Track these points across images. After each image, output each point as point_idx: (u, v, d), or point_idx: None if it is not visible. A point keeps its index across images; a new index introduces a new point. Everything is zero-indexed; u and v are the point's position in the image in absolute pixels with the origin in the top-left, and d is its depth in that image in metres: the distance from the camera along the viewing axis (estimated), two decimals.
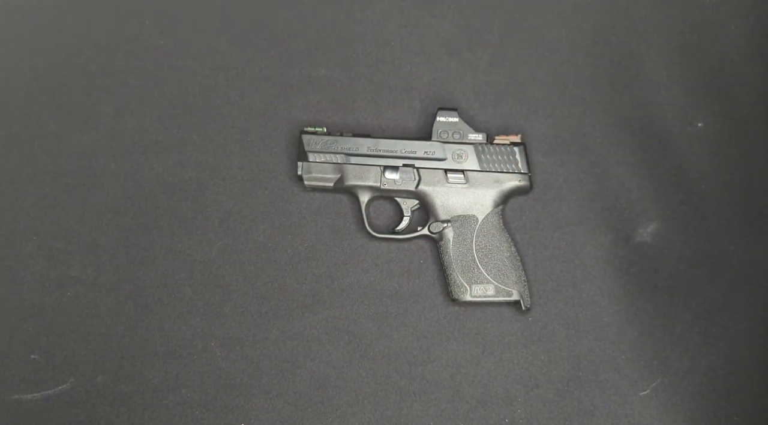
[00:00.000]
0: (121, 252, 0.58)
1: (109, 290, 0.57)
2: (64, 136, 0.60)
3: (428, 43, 0.62)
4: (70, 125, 0.60)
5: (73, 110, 0.60)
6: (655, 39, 0.62)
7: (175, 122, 0.60)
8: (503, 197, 0.57)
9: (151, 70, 0.61)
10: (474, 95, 0.61)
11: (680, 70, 0.61)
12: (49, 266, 0.58)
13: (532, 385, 0.56)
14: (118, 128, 0.60)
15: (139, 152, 0.59)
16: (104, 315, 0.56)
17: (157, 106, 0.60)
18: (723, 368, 0.56)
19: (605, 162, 0.60)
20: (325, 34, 0.62)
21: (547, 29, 0.62)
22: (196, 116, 0.60)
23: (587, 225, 0.59)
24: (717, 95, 0.61)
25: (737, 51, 0.61)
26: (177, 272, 0.51)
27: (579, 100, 0.61)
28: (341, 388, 0.56)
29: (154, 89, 0.61)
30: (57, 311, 0.57)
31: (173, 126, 0.60)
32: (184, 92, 0.61)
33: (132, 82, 0.61)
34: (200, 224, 0.58)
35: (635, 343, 0.56)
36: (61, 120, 0.60)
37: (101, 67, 0.61)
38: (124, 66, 0.61)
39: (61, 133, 0.60)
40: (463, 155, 0.57)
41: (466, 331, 0.57)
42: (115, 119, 0.50)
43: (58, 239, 0.58)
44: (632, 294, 0.57)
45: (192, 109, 0.60)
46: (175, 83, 0.61)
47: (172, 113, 0.60)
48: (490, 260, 0.56)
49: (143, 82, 0.61)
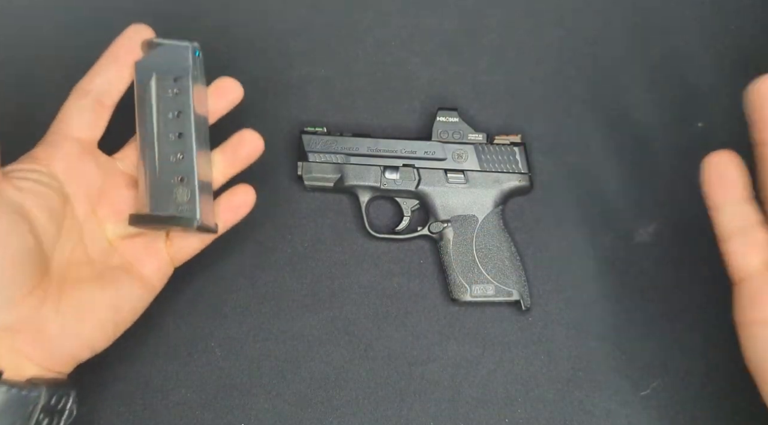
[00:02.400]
0: None
1: None
2: None
3: (428, 43, 0.62)
4: None
5: None
6: (655, 39, 0.62)
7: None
8: (503, 197, 0.57)
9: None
10: (474, 95, 0.61)
11: (680, 70, 0.61)
12: None
13: (532, 385, 0.56)
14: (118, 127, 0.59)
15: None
16: None
17: None
18: (723, 368, 0.56)
19: (605, 162, 0.60)
20: (325, 34, 0.62)
21: (547, 29, 0.62)
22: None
23: (587, 225, 0.59)
24: (717, 95, 0.61)
25: (738, 51, 0.61)
26: (176, 272, 0.51)
27: (579, 101, 0.61)
28: (341, 388, 0.56)
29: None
30: None
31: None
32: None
33: None
34: None
35: (635, 343, 0.56)
36: None
37: None
38: None
39: None
40: (463, 155, 0.57)
41: (466, 331, 0.57)
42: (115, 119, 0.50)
43: None
44: (632, 294, 0.57)
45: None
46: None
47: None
48: (490, 260, 0.56)
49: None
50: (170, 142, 0.47)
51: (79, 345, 0.46)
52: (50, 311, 0.44)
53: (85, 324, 0.45)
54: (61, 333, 0.44)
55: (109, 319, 0.47)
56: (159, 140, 0.47)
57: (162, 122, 0.48)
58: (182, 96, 0.48)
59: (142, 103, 0.48)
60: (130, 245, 0.49)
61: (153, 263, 0.49)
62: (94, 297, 0.46)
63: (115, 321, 0.47)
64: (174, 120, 0.47)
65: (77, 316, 0.45)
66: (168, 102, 0.48)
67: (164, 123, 0.48)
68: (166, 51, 0.48)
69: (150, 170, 0.47)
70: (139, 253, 0.49)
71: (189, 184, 0.47)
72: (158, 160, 0.47)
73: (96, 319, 0.46)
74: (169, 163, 0.47)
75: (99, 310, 0.46)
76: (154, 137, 0.48)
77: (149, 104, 0.48)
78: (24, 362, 0.44)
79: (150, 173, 0.47)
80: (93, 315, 0.46)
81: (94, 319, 0.46)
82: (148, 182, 0.47)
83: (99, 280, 0.46)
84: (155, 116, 0.48)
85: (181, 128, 0.47)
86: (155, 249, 0.49)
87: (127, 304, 0.48)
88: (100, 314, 0.46)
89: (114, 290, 0.47)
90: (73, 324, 0.45)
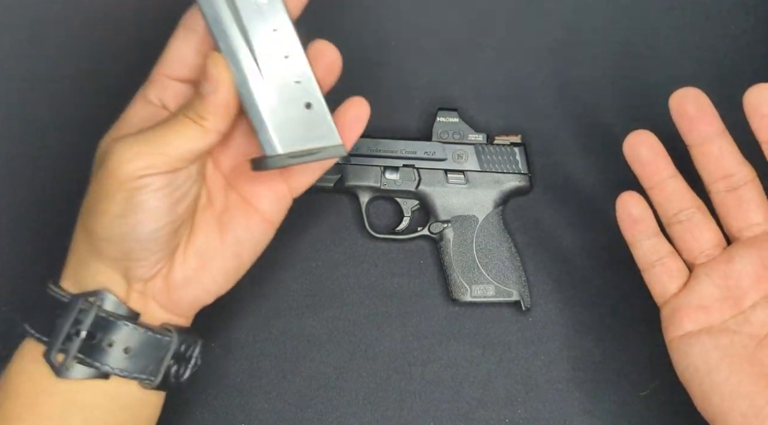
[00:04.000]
0: None
1: None
2: (65, 135, 0.60)
3: (428, 43, 0.62)
4: (70, 125, 0.60)
5: (73, 109, 0.60)
6: (655, 39, 0.62)
7: None
8: (503, 198, 0.57)
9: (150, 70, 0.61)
10: (474, 95, 0.61)
11: (680, 70, 0.61)
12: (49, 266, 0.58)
13: (532, 385, 0.56)
14: None
15: None
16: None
17: None
18: None
19: (605, 162, 0.60)
20: (326, 34, 0.62)
21: (547, 29, 0.62)
22: None
23: (587, 225, 0.59)
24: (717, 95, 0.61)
25: (738, 51, 0.61)
26: None
27: (579, 101, 0.61)
28: (341, 388, 0.56)
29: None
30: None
31: None
32: None
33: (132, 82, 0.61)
34: None
35: (635, 343, 0.56)
36: (62, 120, 0.60)
37: (101, 67, 0.61)
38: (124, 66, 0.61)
39: (61, 133, 0.60)
40: (463, 156, 0.57)
41: (466, 331, 0.57)
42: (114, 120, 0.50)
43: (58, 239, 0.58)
44: (633, 294, 0.57)
45: None
46: None
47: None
48: (490, 261, 0.56)
49: (142, 82, 0.61)
50: (277, 64, 0.41)
51: (202, 292, 0.46)
52: (178, 261, 0.44)
53: (206, 271, 0.45)
54: (185, 281, 0.45)
55: (230, 266, 0.46)
56: (262, 64, 0.40)
57: (259, 43, 0.40)
58: (273, 5, 0.40)
59: (220, 23, 0.40)
60: (246, 181, 0.46)
61: (271, 197, 0.46)
62: (215, 245, 0.45)
63: (237, 266, 0.46)
64: (273, 38, 0.40)
65: (200, 264, 0.45)
66: (258, 17, 0.40)
67: (262, 44, 0.40)
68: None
69: (264, 103, 0.40)
70: (256, 188, 0.46)
71: (317, 108, 0.41)
72: (271, 89, 0.40)
73: (217, 267, 0.45)
74: (286, 90, 0.41)
75: (221, 258, 0.45)
76: (256, 63, 0.40)
77: (236, 24, 0.40)
78: (155, 307, 0.45)
79: (266, 107, 0.40)
80: (214, 264, 0.45)
81: (215, 267, 0.45)
82: (264, 117, 0.40)
83: (219, 224, 0.45)
84: (250, 38, 0.40)
85: (286, 47, 0.41)
86: (272, 182, 0.46)
87: (247, 246, 0.46)
88: (222, 263, 0.46)
89: (233, 236, 0.45)
90: (195, 272, 0.45)
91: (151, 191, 0.41)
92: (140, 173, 0.40)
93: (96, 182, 0.42)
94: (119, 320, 0.43)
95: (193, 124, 0.41)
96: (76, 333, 0.42)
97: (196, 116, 0.41)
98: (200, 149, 0.41)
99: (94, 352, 0.42)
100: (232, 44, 0.40)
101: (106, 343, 0.42)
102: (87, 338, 0.42)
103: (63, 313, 0.42)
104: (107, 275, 0.43)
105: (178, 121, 0.41)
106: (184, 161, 0.41)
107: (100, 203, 0.41)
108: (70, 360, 0.42)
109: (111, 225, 0.41)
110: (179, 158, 0.41)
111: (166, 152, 0.40)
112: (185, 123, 0.41)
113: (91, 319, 0.42)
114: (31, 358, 0.43)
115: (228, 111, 0.41)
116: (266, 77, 0.40)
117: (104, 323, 0.42)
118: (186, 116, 0.41)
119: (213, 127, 0.41)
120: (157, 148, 0.40)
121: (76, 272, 0.44)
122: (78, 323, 0.42)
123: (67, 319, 0.42)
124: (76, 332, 0.42)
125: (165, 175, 0.41)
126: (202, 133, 0.41)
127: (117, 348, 0.43)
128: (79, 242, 0.44)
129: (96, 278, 0.43)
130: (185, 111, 0.41)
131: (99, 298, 0.43)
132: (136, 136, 0.41)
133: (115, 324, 0.42)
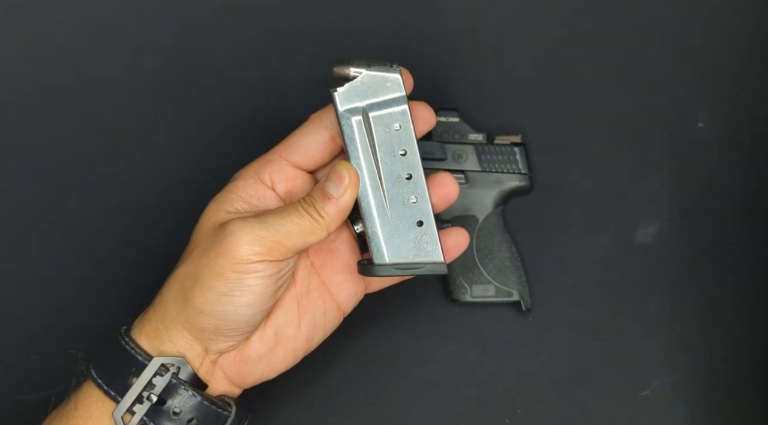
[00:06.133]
0: (121, 252, 0.58)
1: (110, 291, 0.57)
2: (65, 136, 0.60)
3: (428, 43, 0.62)
4: (70, 125, 0.60)
5: (72, 110, 0.60)
6: (655, 39, 0.62)
7: (174, 123, 0.60)
8: (503, 198, 0.57)
9: (150, 70, 0.61)
10: (474, 95, 0.61)
11: (681, 70, 0.61)
12: (49, 266, 0.58)
13: (532, 385, 0.56)
14: (117, 128, 0.60)
15: (138, 152, 0.59)
16: (105, 316, 0.56)
17: (156, 106, 0.60)
18: (723, 368, 0.56)
19: (605, 162, 0.60)
20: (325, 34, 0.62)
21: (547, 29, 0.62)
22: (196, 116, 0.60)
23: (587, 225, 0.59)
24: (717, 95, 0.61)
25: (738, 51, 0.61)
26: None
27: (579, 101, 0.61)
28: (341, 388, 0.56)
29: (153, 90, 0.60)
30: (57, 312, 0.57)
31: (173, 127, 0.60)
32: (183, 93, 0.60)
33: (131, 82, 0.61)
34: None
35: (635, 343, 0.56)
36: (61, 120, 0.60)
37: (100, 67, 0.61)
38: (124, 66, 0.61)
39: (61, 133, 0.60)
40: (463, 156, 0.57)
41: (466, 331, 0.57)
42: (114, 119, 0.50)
43: (58, 239, 0.58)
44: (632, 294, 0.57)
45: (192, 109, 0.60)
46: (175, 84, 0.61)
47: (171, 114, 0.60)
48: (490, 261, 0.56)
49: (142, 83, 0.61)
50: (399, 182, 0.44)
51: (269, 370, 0.46)
52: (256, 336, 0.45)
53: (279, 351, 0.46)
54: (258, 358, 0.45)
55: (300, 348, 0.47)
56: (386, 181, 0.44)
57: (386, 162, 0.44)
58: (404, 132, 0.44)
59: (352, 140, 0.44)
60: (331, 269, 0.47)
61: (349, 290, 0.48)
62: (293, 327, 0.46)
63: (306, 349, 0.47)
64: (399, 159, 0.44)
65: (275, 344, 0.46)
66: (389, 139, 0.44)
67: (388, 163, 0.44)
68: (370, 79, 0.44)
69: (381, 216, 0.44)
70: (339, 277, 0.47)
71: (427, 227, 0.44)
72: (389, 203, 0.44)
73: (290, 348, 0.46)
74: (402, 206, 0.44)
75: (294, 340, 0.46)
76: (380, 179, 0.44)
77: (369, 144, 0.44)
78: (221, 377, 0.45)
79: (382, 220, 0.44)
80: (288, 345, 0.46)
81: (288, 348, 0.46)
82: (378, 229, 0.44)
83: (299, 306, 0.46)
84: (379, 156, 0.44)
85: (410, 169, 0.44)
86: (356, 276, 0.47)
87: (320, 331, 0.47)
88: (295, 344, 0.46)
89: (310, 319, 0.46)
90: (270, 351, 0.46)
91: (261, 276, 0.41)
92: (257, 258, 0.41)
93: (207, 256, 0.42)
94: (189, 390, 0.43)
95: (310, 219, 0.42)
96: (147, 396, 0.42)
97: (315, 213, 0.42)
98: (311, 244, 0.43)
99: (159, 417, 0.43)
100: (361, 160, 0.44)
101: (173, 411, 0.43)
102: (156, 403, 0.42)
103: (138, 373, 0.43)
104: (189, 343, 0.43)
105: (297, 213, 0.42)
106: (294, 252, 0.42)
107: (208, 278, 0.42)
108: (136, 422, 0.42)
109: (215, 302, 0.42)
110: (292, 249, 0.42)
111: (283, 242, 0.41)
112: (303, 216, 0.42)
113: (164, 385, 0.42)
114: (97, 410, 0.43)
115: (344, 216, 0.43)
116: (387, 194, 0.44)
117: (175, 390, 0.43)
118: (306, 211, 0.42)
119: (326, 226, 0.42)
120: (277, 236, 0.41)
121: (157, 333, 0.44)
122: (151, 387, 0.42)
123: (142, 381, 0.42)
124: (148, 396, 0.42)
125: (277, 263, 0.42)
126: (316, 229, 0.42)
127: (182, 418, 0.43)
128: (168, 305, 0.44)
129: (177, 343, 0.43)
130: (305, 205, 0.42)
131: (176, 365, 0.43)
132: (259, 220, 0.42)
133: (185, 393, 0.43)
